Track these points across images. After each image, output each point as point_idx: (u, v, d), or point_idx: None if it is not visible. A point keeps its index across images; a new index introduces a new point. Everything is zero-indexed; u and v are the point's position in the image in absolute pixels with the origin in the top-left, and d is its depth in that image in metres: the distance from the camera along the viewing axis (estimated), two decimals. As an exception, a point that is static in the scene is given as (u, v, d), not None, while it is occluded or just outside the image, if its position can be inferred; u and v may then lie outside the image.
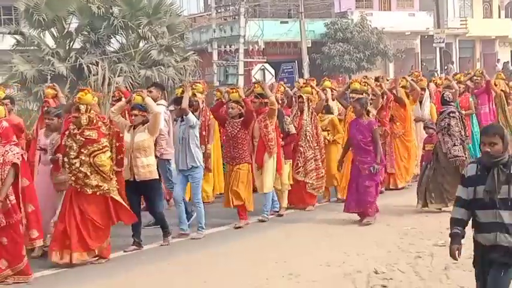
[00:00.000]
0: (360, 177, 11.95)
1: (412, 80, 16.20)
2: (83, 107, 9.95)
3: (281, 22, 44.00)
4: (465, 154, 12.54)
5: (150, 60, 29.26)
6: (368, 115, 12.11)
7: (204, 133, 13.49)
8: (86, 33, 29.63)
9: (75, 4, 28.94)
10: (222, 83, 36.73)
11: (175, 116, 12.03)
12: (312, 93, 14.20)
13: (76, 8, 28.96)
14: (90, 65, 27.46)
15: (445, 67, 45.39)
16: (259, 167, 12.52)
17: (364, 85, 14.00)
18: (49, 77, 27.04)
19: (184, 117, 11.30)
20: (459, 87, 16.80)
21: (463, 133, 12.63)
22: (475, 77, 18.40)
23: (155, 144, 11.32)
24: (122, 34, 30.14)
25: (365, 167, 11.88)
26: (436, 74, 42.71)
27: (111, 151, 10.12)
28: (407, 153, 15.47)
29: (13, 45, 29.67)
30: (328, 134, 14.08)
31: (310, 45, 41.33)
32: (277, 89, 15.11)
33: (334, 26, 43.11)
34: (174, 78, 28.67)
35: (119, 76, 27.32)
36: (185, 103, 11.25)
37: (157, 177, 11.02)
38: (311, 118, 13.53)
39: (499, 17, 57.89)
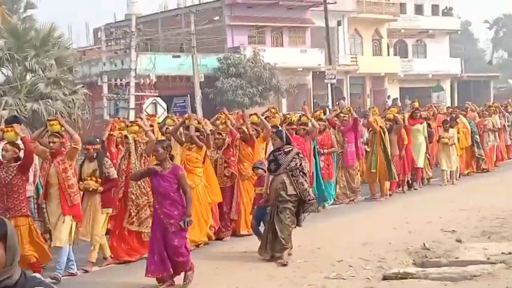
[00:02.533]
0: (166, 236, 9.88)
1: (266, 116, 15.56)
2: None
3: (173, 56, 43.84)
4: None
5: (37, 93, 28.43)
6: (172, 160, 10.19)
7: None
8: (-30, 64, 28.62)
9: (-42, 35, 27.97)
10: (112, 117, 36.05)
11: None
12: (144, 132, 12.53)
13: (-41, 39, 27.99)
14: (-26, 98, 26.55)
15: (337, 103, 45.95)
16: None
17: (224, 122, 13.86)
18: None
19: None
20: (319, 125, 16.33)
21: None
22: (341, 114, 17.93)
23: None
24: (7, 66, 29.24)
25: (172, 222, 9.82)
26: (328, 110, 43.21)
27: None
28: None
29: None
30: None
31: (203, 79, 41.25)
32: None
33: (227, 60, 43.23)
34: (62, 111, 27.87)
35: (4, 109, 26.47)
36: None
37: None
38: (140, 160, 12.08)
39: (388, 54, 59.48)
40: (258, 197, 12.03)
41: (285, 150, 11.21)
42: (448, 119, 20.97)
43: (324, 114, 19.00)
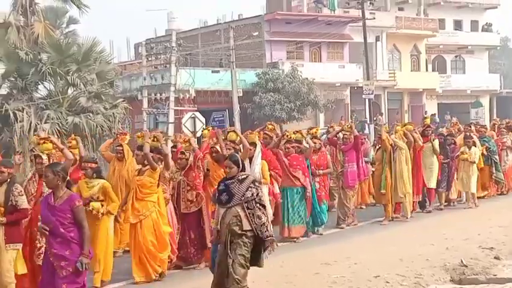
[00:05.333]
0: (55, 281, 8.26)
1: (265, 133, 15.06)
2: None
3: (212, 71, 44.14)
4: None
5: (78, 107, 28.75)
6: (70, 188, 8.57)
7: None
8: (12, 79, 29.02)
9: (2, 50, 28.40)
10: (151, 131, 36.38)
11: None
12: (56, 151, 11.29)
13: (3, 53, 28.41)
14: (17, 112, 26.93)
15: (375, 118, 45.97)
16: None
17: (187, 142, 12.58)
18: (-26, 124, 26.45)
19: None
20: (314, 143, 15.44)
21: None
22: (343, 132, 16.82)
23: None
24: (50, 80, 29.59)
25: (63, 265, 8.22)
26: (366, 125, 43.32)
27: None
28: None
29: None
30: (102, 205, 11.02)
31: (241, 94, 41.47)
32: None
33: (265, 75, 43.43)
34: (102, 125, 28.18)
35: (45, 123, 26.84)
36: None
37: None
38: None
39: (426, 70, 59.23)
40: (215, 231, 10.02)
41: (239, 178, 9.40)
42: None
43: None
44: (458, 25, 62.09)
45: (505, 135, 22.12)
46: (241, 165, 9.50)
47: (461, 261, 11.72)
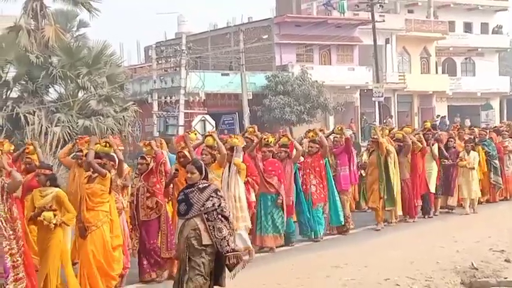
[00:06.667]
0: None
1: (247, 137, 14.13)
2: None
3: (222, 74, 44.23)
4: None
5: (88, 110, 28.90)
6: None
7: None
8: (23, 82, 29.22)
9: (13, 53, 28.57)
10: (162, 133, 36.50)
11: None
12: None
13: (14, 57, 28.59)
14: (27, 115, 27.08)
15: (384, 121, 45.92)
16: None
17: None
18: (-16, 127, 26.57)
19: None
20: (312, 147, 14.79)
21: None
22: (334, 134, 16.23)
23: None
24: (60, 84, 29.79)
25: None
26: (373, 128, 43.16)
27: None
28: None
29: None
30: (55, 215, 10.02)
31: (251, 97, 41.55)
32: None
33: (275, 78, 43.46)
34: (113, 128, 28.32)
35: (56, 126, 26.98)
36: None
37: None
38: (2, 196, 9.34)
39: (436, 72, 59.13)
40: None
41: (200, 186, 8.45)
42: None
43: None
44: (468, 27, 61.98)
45: (506, 138, 21.23)
46: (204, 173, 8.55)
47: (472, 264, 11.71)
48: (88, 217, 10.28)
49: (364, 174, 17.45)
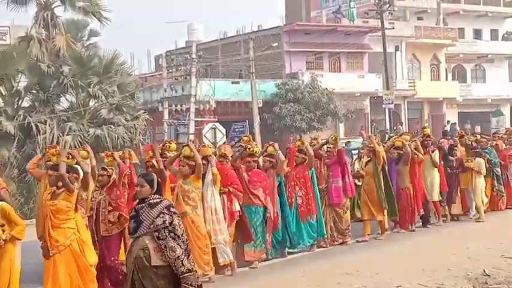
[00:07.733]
0: None
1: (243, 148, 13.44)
2: None
3: (232, 82, 44.32)
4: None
5: (100, 119, 28.95)
6: None
7: None
8: (34, 91, 29.26)
9: (24, 63, 28.65)
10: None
11: None
12: None
13: (25, 66, 28.66)
14: (39, 124, 27.15)
15: (395, 128, 45.89)
16: None
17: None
18: (-4, 136, 26.64)
19: None
20: (298, 157, 14.33)
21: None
22: (327, 145, 15.39)
23: None
24: (71, 93, 29.82)
25: None
26: (386, 135, 43.21)
27: None
28: None
29: (-40, 104, 29.19)
30: (3, 230, 9.75)
31: (261, 105, 41.61)
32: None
33: (285, 86, 43.53)
34: (124, 137, 28.36)
35: (67, 135, 27.06)
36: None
37: None
38: None
39: (446, 79, 59.07)
40: None
41: (150, 202, 7.71)
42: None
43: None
44: (478, 34, 61.91)
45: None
46: (155, 187, 7.75)
47: (484, 271, 11.71)
48: (54, 235, 9.64)
49: (358, 184, 16.49)
